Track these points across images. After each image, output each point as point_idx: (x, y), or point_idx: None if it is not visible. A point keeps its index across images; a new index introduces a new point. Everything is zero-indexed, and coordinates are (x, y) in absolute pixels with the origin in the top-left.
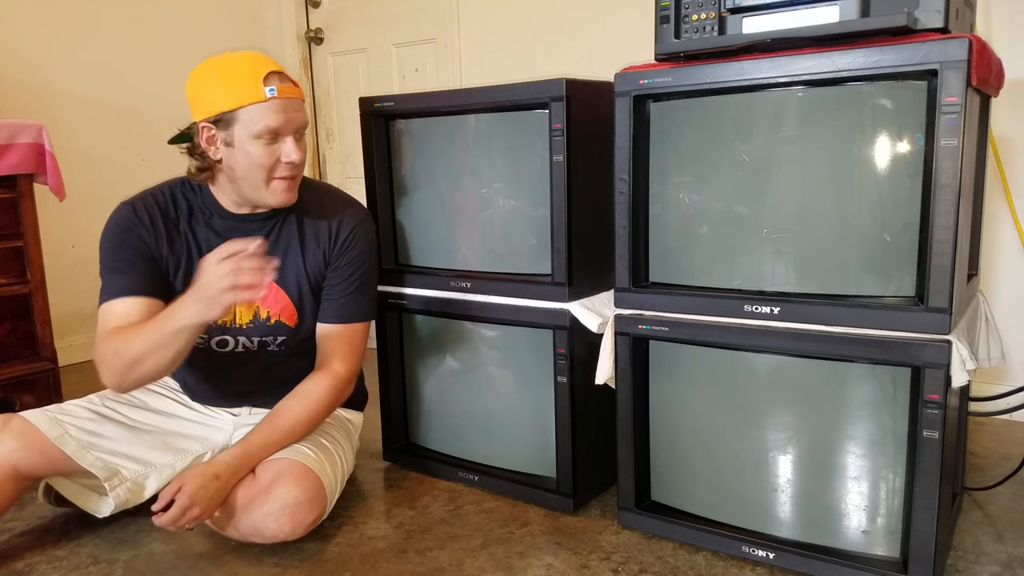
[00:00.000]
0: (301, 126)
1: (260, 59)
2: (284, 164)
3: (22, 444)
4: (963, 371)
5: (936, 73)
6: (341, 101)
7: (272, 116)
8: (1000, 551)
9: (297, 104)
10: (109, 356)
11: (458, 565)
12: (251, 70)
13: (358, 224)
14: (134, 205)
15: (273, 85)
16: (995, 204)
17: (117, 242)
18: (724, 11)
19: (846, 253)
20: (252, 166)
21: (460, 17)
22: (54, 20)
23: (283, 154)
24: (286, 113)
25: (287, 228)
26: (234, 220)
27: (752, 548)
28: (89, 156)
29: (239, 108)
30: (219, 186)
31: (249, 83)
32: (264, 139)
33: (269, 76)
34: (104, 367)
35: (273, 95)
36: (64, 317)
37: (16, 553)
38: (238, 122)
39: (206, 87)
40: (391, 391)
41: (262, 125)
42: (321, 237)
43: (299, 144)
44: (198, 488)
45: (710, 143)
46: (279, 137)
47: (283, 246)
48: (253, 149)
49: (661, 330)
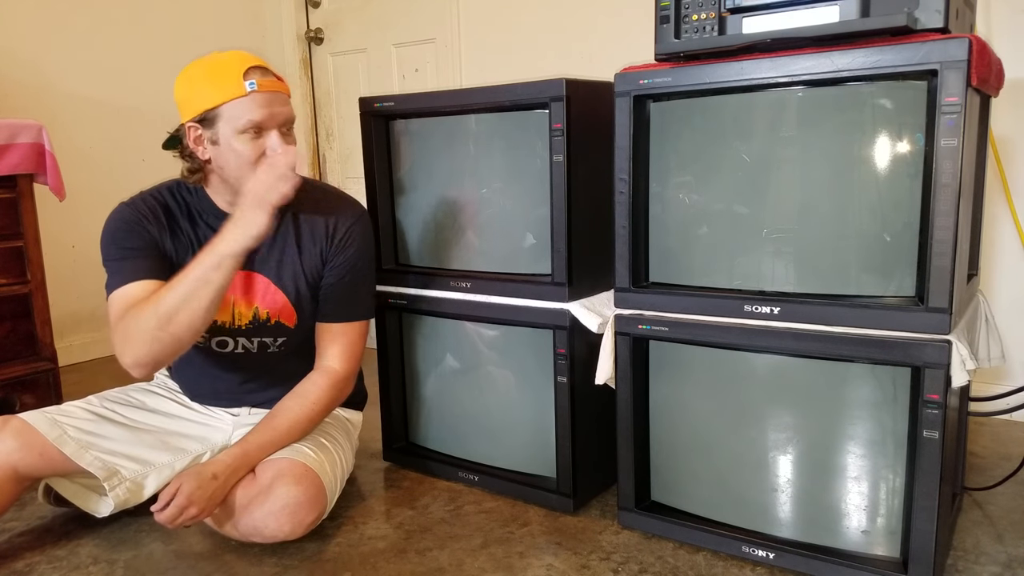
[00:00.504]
0: (286, 120)
1: (242, 56)
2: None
3: (21, 444)
4: (963, 371)
5: (936, 73)
6: (341, 101)
7: (254, 110)
8: (1000, 551)
9: (281, 98)
10: (133, 326)
11: (458, 565)
12: (232, 67)
13: (355, 223)
14: (135, 203)
15: (254, 79)
16: (995, 204)
17: (123, 234)
18: (724, 11)
19: (846, 253)
20: (239, 163)
21: (460, 17)
22: (54, 20)
23: (269, 148)
24: (269, 107)
25: (283, 228)
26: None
27: (752, 548)
28: (89, 156)
29: (221, 104)
30: (212, 187)
31: (230, 79)
32: (248, 134)
33: (249, 71)
34: (129, 341)
35: (253, 88)
36: (64, 317)
37: (16, 553)
38: (221, 119)
39: (190, 87)
40: (391, 391)
41: (245, 120)
42: (318, 236)
43: (286, 138)
44: (195, 488)
45: (710, 143)
46: (264, 132)
47: (279, 246)
48: (238, 145)
49: (661, 330)
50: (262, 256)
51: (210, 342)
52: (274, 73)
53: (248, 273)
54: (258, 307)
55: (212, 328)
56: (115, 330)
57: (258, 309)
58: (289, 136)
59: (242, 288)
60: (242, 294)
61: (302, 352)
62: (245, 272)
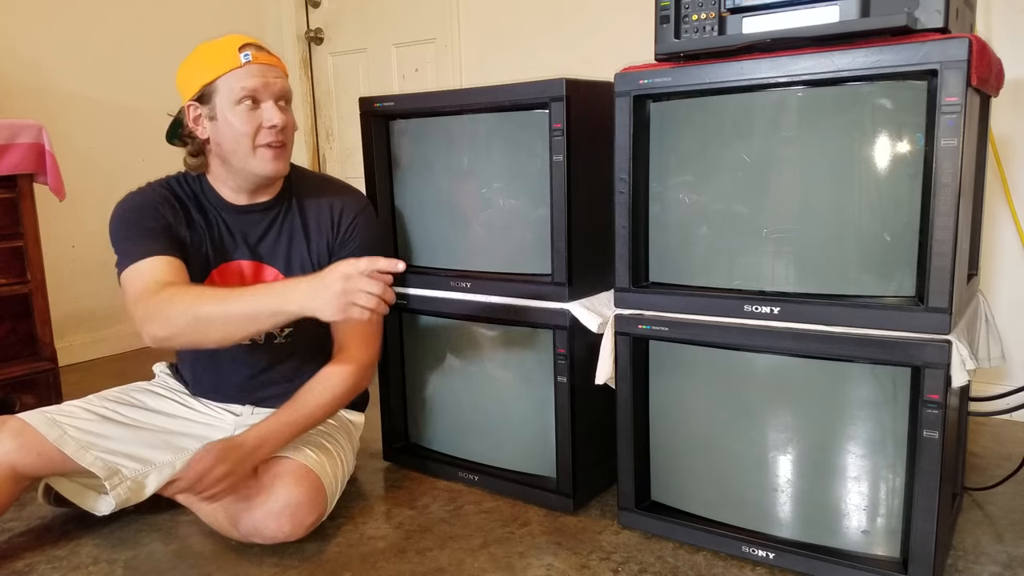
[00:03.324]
0: (281, 92)
1: (237, 35)
2: (267, 130)
3: (20, 444)
4: (963, 371)
5: (936, 73)
6: (341, 101)
7: (249, 79)
8: (1000, 551)
9: (275, 71)
10: (162, 310)
11: (458, 565)
12: (228, 43)
13: (359, 213)
14: (146, 191)
15: (248, 52)
16: (995, 204)
17: (136, 216)
18: (724, 11)
19: (846, 253)
20: (236, 135)
21: (460, 17)
22: (54, 20)
23: (264, 119)
24: (264, 77)
25: (289, 219)
26: (235, 212)
27: (752, 548)
28: (89, 156)
29: (218, 78)
30: (214, 174)
31: (226, 54)
32: (245, 105)
33: (245, 46)
34: (153, 320)
35: (248, 60)
36: (64, 317)
37: (16, 553)
38: (218, 93)
39: (189, 69)
40: (391, 391)
41: (239, 88)
42: (324, 226)
43: (283, 112)
44: (225, 448)
45: (710, 143)
46: (259, 103)
47: (287, 237)
48: (234, 117)
49: (661, 330)
50: (270, 246)
51: None
52: (269, 51)
53: (257, 264)
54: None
55: None
56: (137, 305)
57: None
58: (287, 112)
59: (252, 280)
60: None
61: (309, 348)
62: (255, 263)
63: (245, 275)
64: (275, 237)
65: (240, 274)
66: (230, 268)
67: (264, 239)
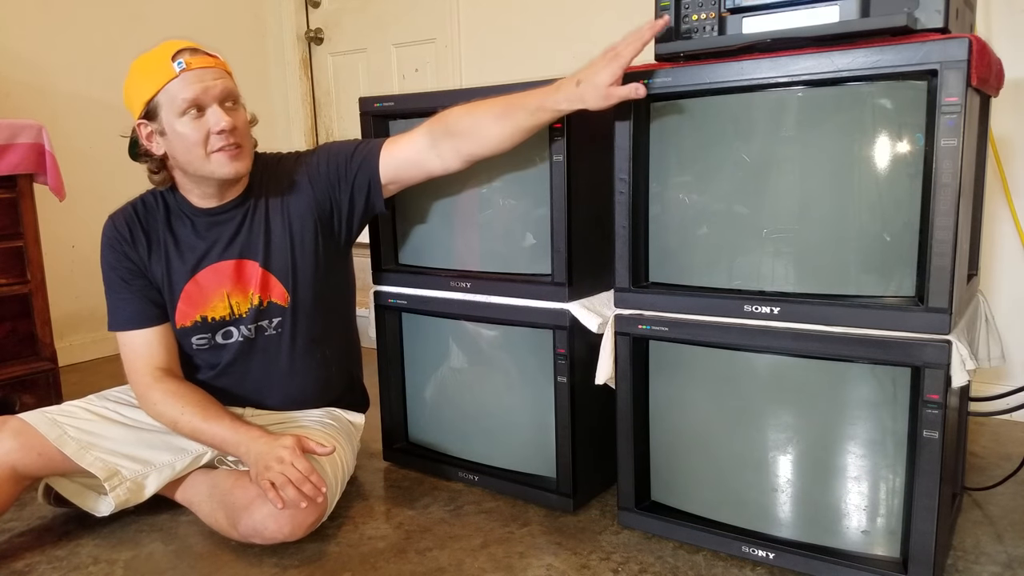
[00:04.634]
0: (224, 93)
1: (170, 43)
2: (216, 135)
3: (20, 444)
4: (963, 371)
5: (936, 73)
6: (341, 101)
7: (187, 89)
8: (1000, 551)
9: (214, 72)
10: (150, 407)
11: (458, 565)
12: (160, 55)
13: (313, 151)
14: (115, 221)
15: (182, 59)
16: (995, 204)
17: (109, 261)
18: (724, 11)
19: (846, 253)
20: (188, 146)
21: (460, 17)
22: (54, 20)
23: (212, 124)
24: (202, 82)
25: (259, 212)
26: (208, 216)
27: (752, 548)
28: (89, 156)
29: (157, 93)
30: (180, 185)
31: (159, 66)
32: (190, 114)
33: (177, 53)
34: (143, 405)
35: (183, 68)
36: (64, 317)
37: (16, 553)
38: (162, 107)
39: (130, 88)
40: (391, 391)
41: (180, 100)
42: (301, 186)
43: (230, 112)
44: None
45: (710, 143)
46: (204, 109)
47: (261, 226)
48: (182, 128)
49: (661, 330)
50: (247, 241)
51: (214, 337)
52: (207, 52)
53: (238, 261)
54: (252, 292)
55: (214, 323)
56: (131, 380)
57: (252, 295)
58: (235, 111)
59: (236, 277)
60: (234, 284)
61: (301, 344)
62: (235, 261)
63: (227, 275)
64: (250, 230)
65: (221, 275)
66: (211, 271)
67: (238, 235)
